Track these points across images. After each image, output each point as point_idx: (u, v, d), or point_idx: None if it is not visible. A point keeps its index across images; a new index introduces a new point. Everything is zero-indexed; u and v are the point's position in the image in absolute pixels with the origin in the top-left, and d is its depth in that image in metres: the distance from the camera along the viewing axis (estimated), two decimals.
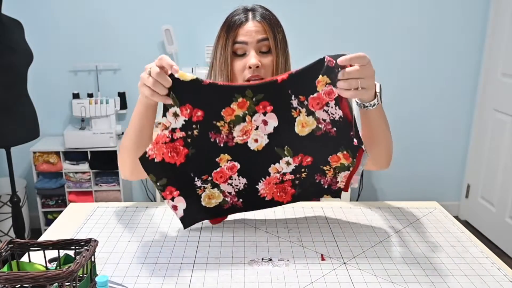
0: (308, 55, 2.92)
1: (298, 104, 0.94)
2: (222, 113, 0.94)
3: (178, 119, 0.93)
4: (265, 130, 0.96)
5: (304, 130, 0.96)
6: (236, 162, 0.99)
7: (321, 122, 0.95)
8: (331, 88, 0.91)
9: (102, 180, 2.73)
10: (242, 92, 0.93)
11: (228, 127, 0.95)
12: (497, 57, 2.75)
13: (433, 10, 2.81)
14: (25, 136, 2.13)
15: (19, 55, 2.03)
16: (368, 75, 0.90)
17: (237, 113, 0.94)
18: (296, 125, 0.96)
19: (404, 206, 1.20)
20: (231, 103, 0.93)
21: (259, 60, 1.09)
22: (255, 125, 0.96)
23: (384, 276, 0.86)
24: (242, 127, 0.95)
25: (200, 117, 0.94)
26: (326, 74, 0.90)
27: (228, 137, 0.96)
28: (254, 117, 0.95)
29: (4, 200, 2.56)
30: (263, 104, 0.94)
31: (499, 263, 0.92)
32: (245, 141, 0.97)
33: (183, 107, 0.92)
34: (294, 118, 0.95)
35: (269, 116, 0.95)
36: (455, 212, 3.17)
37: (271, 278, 0.85)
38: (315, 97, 0.93)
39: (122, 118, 2.89)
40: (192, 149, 0.96)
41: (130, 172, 1.09)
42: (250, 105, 0.94)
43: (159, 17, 2.72)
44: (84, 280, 0.74)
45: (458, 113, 3.01)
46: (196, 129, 0.95)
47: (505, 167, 2.67)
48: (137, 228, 1.05)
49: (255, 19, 1.10)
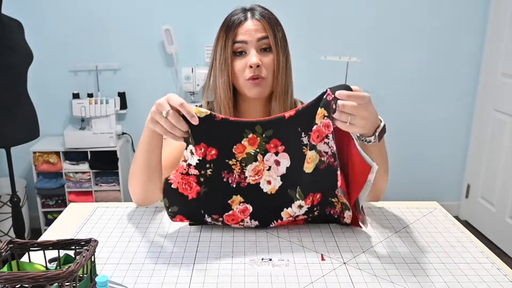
0: (308, 55, 2.93)
1: (308, 140, 0.93)
2: (233, 150, 0.95)
3: (193, 156, 0.95)
4: (278, 171, 0.96)
5: (309, 166, 0.95)
6: (248, 205, 0.99)
7: (323, 155, 0.95)
8: (328, 121, 0.90)
9: (102, 180, 2.73)
10: (251, 128, 0.93)
11: (240, 166, 0.96)
12: (497, 57, 2.75)
13: (433, 10, 2.81)
14: (25, 136, 2.13)
15: (19, 55, 2.03)
16: (361, 115, 0.89)
17: (248, 150, 0.95)
18: (304, 165, 0.95)
19: (404, 206, 1.20)
20: (242, 139, 0.94)
21: (259, 59, 1.09)
22: (268, 165, 0.96)
23: (384, 276, 0.86)
24: (254, 166, 0.96)
25: (214, 156, 0.95)
26: (324, 107, 0.90)
27: (241, 177, 0.97)
28: (266, 157, 0.95)
29: (4, 200, 2.56)
30: (274, 143, 0.94)
31: (499, 263, 0.92)
32: (258, 181, 0.97)
33: (197, 146, 0.93)
34: (305, 155, 0.94)
35: (281, 156, 0.95)
36: (455, 212, 3.17)
37: (271, 278, 0.85)
38: (314, 130, 0.92)
39: (122, 118, 2.89)
40: (204, 188, 0.97)
41: (142, 200, 1.10)
42: (260, 142, 0.94)
43: (159, 17, 2.73)
44: (84, 280, 0.74)
45: (458, 113, 3.01)
46: (210, 169, 0.96)
47: (505, 167, 2.67)
48: (137, 228, 1.05)
49: (254, 18, 1.10)
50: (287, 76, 1.14)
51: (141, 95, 2.86)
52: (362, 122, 0.90)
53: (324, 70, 2.81)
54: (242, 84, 1.12)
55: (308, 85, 3.02)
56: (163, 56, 2.81)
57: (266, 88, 1.13)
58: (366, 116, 0.90)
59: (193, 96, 2.76)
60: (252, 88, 1.11)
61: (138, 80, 2.84)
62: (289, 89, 1.16)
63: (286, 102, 1.15)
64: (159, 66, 2.83)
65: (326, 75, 2.82)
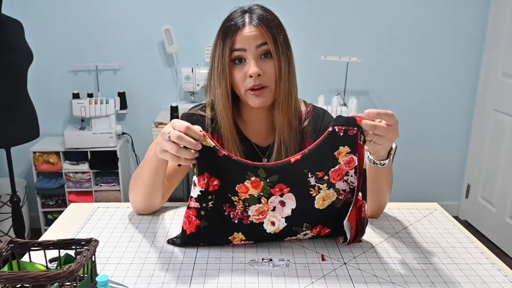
0: (308, 55, 2.92)
1: (317, 181, 0.90)
2: (236, 188, 0.91)
3: (195, 188, 0.92)
4: (283, 212, 0.93)
5: (324, 203, 0.93)
6: (251, 241, 0.97)
7: (341, 193, 0.93)
8: (351, 157, 0.89)
9: (102, 180, 2.73)
10: (254, 171, 0.90)
11: (243, 205, 0.93)
12: (497, 57, 2.75)
13: (433, 10, 2.81)
14: (25, 136, 2.13)
15: (19, 55, 2.03)
16: (389, 138, 0.88)
17: (251, 192, 0.91)
18: (316, 202, 0.93)
19: (405, 207, 1.20)
20: (245, 180, 0.90)
21: (260, 66, 1.04)
22: (272, 206, 0.92)
23: (384, 276, 0.86)
24: (258, 207, 0.92)
25: (216, 187, 0.92)
26: (347, 144, 0.88)
27: (243, 214, 0.93)
28: (271, 199, 0.92)
29: (4, 200, 2.56)
30: (279, 187, 0.91)
31: (500, 264, 0.92)
32: (261, 221, 0.94)
33: (201, 176, 0.91)
34: (313, 197, 0.92)
35: (286, 196, 0.92)
36: (455, 212, 3.17)
37: (271, 278, 0.85)
38: (336, 170, 0.89)
39: (122, 118, 2.90)
40: (204, 222, 0.94)
41: (142, 211, 1.12)
42: (264, 186, 0.90)
43: (159, 17, 2.73)
44: (84, 280, 0.74)
45: (458, 113, 3.01)
46: (212, 200, 0.93)
47: (505, 167, 2.67)
48: (138, 228, 1.05)
49: (252, 23, 1.04)
50: (290, 82, 1.08)
51: (141, 95, 2.86)
52: (387, 143, 0.89)
53: (324, 70, 2.81)
54: (244, 94, 1.07)
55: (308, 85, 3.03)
56: (163, 56, 2.81)
57: (269, 97, 1.08)
58: (392, 139, 0.89)
59: (193, 96, 2.76)
60: (254, 99, 1.06)
61: (138, 80, 2.84)
62: (293, 94, 1.10)
63: (289, 108, 1.10)
64: (159, 66, 2.83)
65: (326, 75, 2.83)
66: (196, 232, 0.94)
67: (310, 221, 0.96)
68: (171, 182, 1.13)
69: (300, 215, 0.94)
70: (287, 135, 1.12)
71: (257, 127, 1.17)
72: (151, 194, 1.07)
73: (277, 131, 1.12)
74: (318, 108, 1.22)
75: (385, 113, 0.87)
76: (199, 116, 1.16)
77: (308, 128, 1.17)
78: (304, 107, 1.19)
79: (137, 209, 1.12)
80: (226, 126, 1.11)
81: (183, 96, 2.86)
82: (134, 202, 1.11)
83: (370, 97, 2.89)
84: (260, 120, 1.16)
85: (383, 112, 0.87)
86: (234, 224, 0.94)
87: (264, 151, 1.17)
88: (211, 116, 1.14)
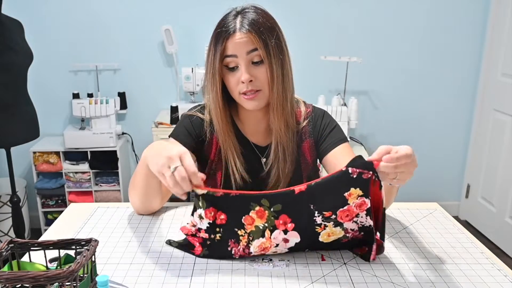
0: (308, 55, 2.91)
1: (323, 220, 0.89)
2: (243, 220, 0.91)
3: (203, 221, 0.93)
4: (286, 246, 0.92)
5: (329, 238, 0.92)
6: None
7: (349, 232, 0.92)
8: (363, 200, 0.86)
9: (102, 180, 2.73)
10: (257, 201, 0.89)
11: (248, 238, 0.92)
12: (497, 57, 2.75)
13: (433, 10, 2.80)
14: (25, 136, 2.13)
15: (19, 55, 2.03)
16: (409, 171, 0.86)
17: (257, 223, 0.90)
18: (320, 237, 0.92)
19: (405, 207, 1.20)
20: (250, 211, 0.90)
21: (251, 73, 1.04)
22: (275, 243, 0.91)
23: (384, 276, 0.86)
24: (261, 243, 0.91)
25: (224, 221, 0.92)
26: (359, 187, 0.85)
27: (245, 251, 0.93)
28: (274, 234, 0.90)
29: (4, 200, 2.56)
30: (283, 219, 0.89)
31: (500, 264, 0.92)
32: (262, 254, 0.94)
33: (207, 210, 0.91)
34: (318, 233, 0.91)
35: (290, 234, 0.90)
36: (455, 212, 3.17)
37: (271, 278, 0.85)
38: (344, 210, 0.87)
39: (122, 118, 2.89)
40: (206, 251, 0.94)
41: (141, 211, 1.14)
42: (269, 216, 0.90)
43: (159, 17, 2.72)
44: (84, 280, 0.74)
45: (458, 113, 3.01)
46: (219, 233, 0.93)
47: (505, 167, 2.67)
48: (138, 228, 1.05)
49: (242, 30, 1.02)
50: (284, 85, 1.07)
51: (141, 95, 2.86)
52: (408, 176, 0.87)
53: (324, 70, 2.81)
54: (238, 98, 1.08)
55: (308, 85, 3.02)
56: (163, 56, 2.81)
57: (263, 100, 1.08)
58: (412, 171, 0.86)
59: (193, 96, 2.76)
60: (247, 103, 1.07)
61: (138, 80, 2.84)
62: (288, 97, 1.09)
63: (285, 110, 1.10)
64: (159, 66, 2.83)
65: (326, 75, 2.82)
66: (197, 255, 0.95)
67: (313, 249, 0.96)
68: None
69: (303, 247, 0.94)
70: (284, 136, 1.12)
71: (255, 127, 1.17)
72: (147, 199, 1.10)
73: (274, 133, 1.12)
74: (318, 108, 1.22)
75: (404, 156, 0.83)
76: (198, 117, 1.17)
77: (308, 128, 1.17)
78: (304, 108, 1.19)
79: (136, 210, 1.15)
80: (219, 129, 1.11)
81: (183, 96, 2.86)
82: (132, 203, 1.14)
83: (370, 97, 2.89)
84: (258, 121, 1.16)
85: (403, 155, 0.83)
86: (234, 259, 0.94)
87: (263, 151, 1.17)
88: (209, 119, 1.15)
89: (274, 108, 1.09)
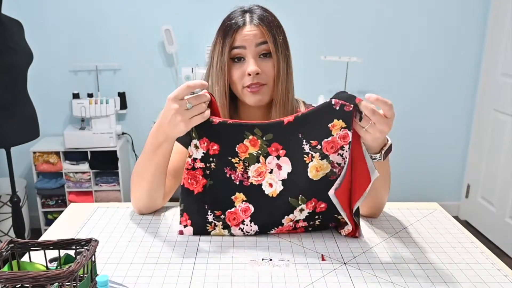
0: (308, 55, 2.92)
1: (310, 149, 0.93)
2: (236, 149, 0.96)
3: (198, 150, 0.97)
4: (279, 175, 0.97)
5: (318, 174, 0.95)
6: (250, 205, 0.99)
7: (336, 166, 0.95)
8: (346, 132, 0.90)
9: (102, 180, 2.73)
10: (251, 130, 0.95)
11: (243, 165, 0.97)
12: (497, 57, 2.75)
13: (433, 10, 2.81)
14: (25, 136, 2.13)
15: (19, 55, 2.03)
16: (381, 129, 0.88)
17: (251, 151, 0.96)
18: (309, 171, 0.95)
19: (405, 207, 1.20)
20: (243, 139, 0.95)
21: (259, 65, 1.05)
22: (269, 168, 0.97)
23: (384, 276, 0.86)
24: (257, 167, 0.97)
25: (216, 151, 0.97)
26: (341, 118, 0.89)
27: (244, 176, 0.98)
28: (268, 159, 0.96)
29: (4, 200, 2.56)
30: (275, 147, 0.95)
31: (500, 264, 0.92)
32: (260, 183, 0.98)
33: (201, 140, 0.96)
34: (307, 163, 0.94)
35: (282, 160, 0.96)
36: (455, 212, 3.17)
37: (271, 278, 0.85)
38: (329, 141, 0.92)
39: (122, 118, 2.90)
40: (210, 181, 0.99)
41: (145, 209, 1.11)
42: (261, 144, 0.95)
43: (159, 17, 2.73)
44: (84, 280, 0.74)
45: (458, 113, 3.01)
46: (213, 163, 0.98)
47: (505, 167, 2.67)
48: (138, 228, 1.05)
49: (252, 23, 1.05)
50: (287, 82, 1.09)
51: (141, 95, 2.86)
52: (378, 134, 0.89)
53: (324, 70, 2.81)
54: (241, 92, 1.08)
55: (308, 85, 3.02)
56: (163, 56, 2.81)
57: (266, 95, 1.09)
58: (385, 131, 0.88)
59: None
60: (251, 96, 1.07)
61: (138, 80, 2.84)
62: (290, 94, 1.11)
63: (286, 108, 1.11)
64: (159, 66, 2.83)
65: (326, 75, 2.83)
66: (203, 191, 0.99)
67: (305, 191, 0.97)
68: (177, 178, 1.13)
69: (296, 182, 0.96)
70: None
71: None
72: (155, 189, 1.06)
73: None
74: None
75: (384, 101, 0.87)
76: None
77: None
78: (304, 107, 1.20)
79: (139, 208, 1.11)
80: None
81: None
82: (136, 199, 1.10)
83: None
84: (257, 119, 1.16)
85: (383, 100, 0.86)
86: (235, 185, 0.98)
87: None
88: None
89: (277, 104, 1.10)
